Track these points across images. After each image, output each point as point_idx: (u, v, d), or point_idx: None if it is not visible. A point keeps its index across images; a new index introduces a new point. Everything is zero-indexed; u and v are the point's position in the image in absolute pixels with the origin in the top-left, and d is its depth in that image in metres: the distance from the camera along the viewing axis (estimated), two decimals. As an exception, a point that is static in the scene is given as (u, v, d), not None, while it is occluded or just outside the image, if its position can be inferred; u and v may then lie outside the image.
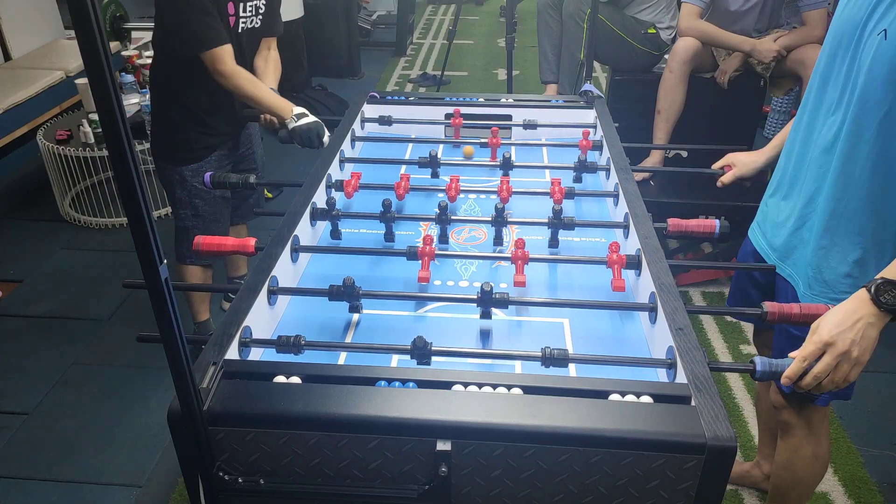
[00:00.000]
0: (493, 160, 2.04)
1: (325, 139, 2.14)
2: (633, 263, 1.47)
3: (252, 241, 1.49)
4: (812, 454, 1.71)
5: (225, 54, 2.09)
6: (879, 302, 1.15)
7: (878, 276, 1.18)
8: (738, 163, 1.78)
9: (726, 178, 1.78)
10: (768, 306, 1.27)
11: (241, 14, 2.19)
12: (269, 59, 2.42)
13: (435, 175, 1.94)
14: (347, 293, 1.35)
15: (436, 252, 1.50)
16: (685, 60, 3.00)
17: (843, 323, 1.15)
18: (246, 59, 2.29)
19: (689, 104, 3.10)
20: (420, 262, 1.49)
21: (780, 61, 2.95)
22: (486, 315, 1.39)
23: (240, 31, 2.21)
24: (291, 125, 2.12)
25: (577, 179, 1.94)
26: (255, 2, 2.23)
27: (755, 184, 1.88)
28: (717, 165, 1.83)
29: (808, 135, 1.50)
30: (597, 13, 2.51)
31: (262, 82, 2.21)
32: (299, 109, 2.15)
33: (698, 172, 1.84)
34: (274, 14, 2.36)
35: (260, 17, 2.28)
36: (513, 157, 1.94)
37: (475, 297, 1.35)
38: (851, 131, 1.36)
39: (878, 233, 1.40)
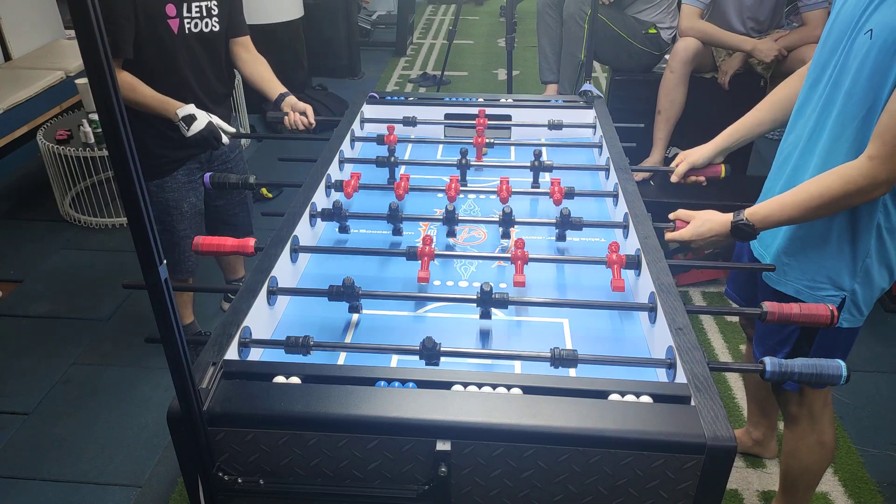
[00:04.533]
0: (478, 160, 2.04)
1: (224, 139, 2.15)
2: (633, 263, 1.47)
3: (251, 242, 1.49)
4: (817, 441, 1.75)
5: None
6: (733, 233, 1.51)
7: (744, 215, 1.48)
8: (689, 154, 1.83)
9: (680, 169, 1.83)
10: (768, 306, 1.28)
11: (186, 15, 2.11)
12: (256, 62, 2.35)
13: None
14: (347, 293, 1.35)
15: (435, 252, 1.50)
16: (686, 61, 3.00)
17: (703, 234, 1.54)
18: (202, 64, 2.21)
19: (690, 104, 3.10)
20: (420, 262, 1.49)
21: (780, 61, 2.95)
22: (485, 315, 1.40)
23: (187, 33, 2.13)
24: (185, 133, 2.09)
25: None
26: (202, 2, 2.13)
27: (728, 183, 1.92)
28: (674, 164, 1.87)
29: (794, 131, 1.56)
30: (597, 13, 2.51)
31: (145, 86, 2.08)
32: (186, 111, 2.08)
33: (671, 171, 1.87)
34: (234, 14, 2.27)
35: (214, 18, 2.18)
36: (512, 156, 1.93)
37: (475, 297, 1.35)
38: (835, 127, 1.41)
39: (851, 223, 1.46)
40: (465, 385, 1.11)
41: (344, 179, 1.80)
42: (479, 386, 1.11)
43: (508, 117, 2.31)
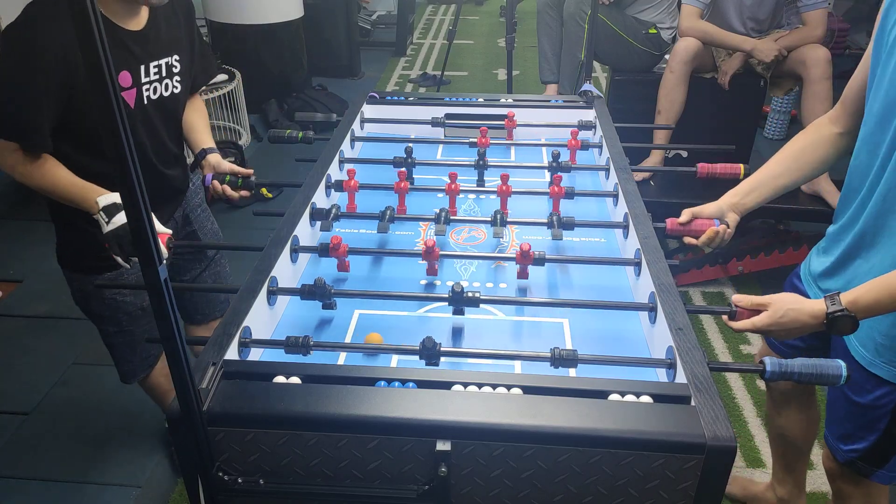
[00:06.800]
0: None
1: (163, 253, 1.49)
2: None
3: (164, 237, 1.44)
4: None
5: (5, 148, 1.57)
6: (829, 326, 1.24)
7: (843, 306, 1.22)
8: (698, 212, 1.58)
9: (702, 241, 1.57)
10: (736, 300, 1.31)
11: (145, 80, 1.68)
12: (192, 107, 1.96)
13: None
14: (319, 293, 1.35)
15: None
16: (686, 61, 3.00)
17: (785, 325, 1.27)
18: (158, 130, 1.78)
19: (690, 104, 3.10)
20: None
21: (780, 61, 2.95)
22: (458, 312, 1.36)
23: (145, 102, 1.70)
24: (104, 228, 1.52)
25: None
26: (162, 60, 1.71)
27: (729, 184, 1.81)
28: (680, 221, 1.59)
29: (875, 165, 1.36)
30: (597, 13, 2.51)
31: (64, 171, 1.61)
32: (108, 199, 1.55)
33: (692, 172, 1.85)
34: (198, 70, 1.90)
35: (175, 78, 1.77)
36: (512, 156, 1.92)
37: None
38: None
39: None
40: (465, 385, 1.11)
41: (343, 180, 1.80)
42: (479, 386, 1.11)
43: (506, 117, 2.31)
